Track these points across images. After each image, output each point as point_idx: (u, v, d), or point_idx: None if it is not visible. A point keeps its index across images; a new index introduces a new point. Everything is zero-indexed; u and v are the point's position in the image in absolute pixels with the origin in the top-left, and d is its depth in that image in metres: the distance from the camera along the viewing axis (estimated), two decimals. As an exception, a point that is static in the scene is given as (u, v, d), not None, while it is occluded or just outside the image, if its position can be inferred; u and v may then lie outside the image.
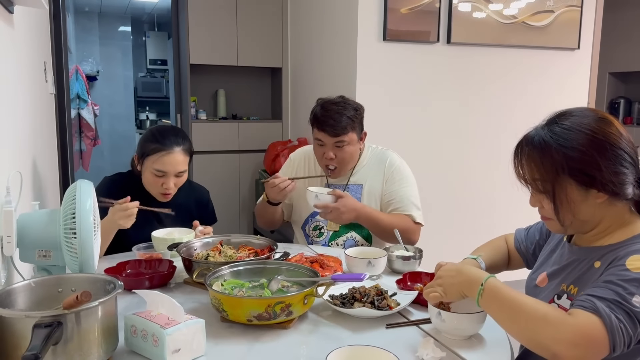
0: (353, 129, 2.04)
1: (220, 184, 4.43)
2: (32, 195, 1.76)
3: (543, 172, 1.11)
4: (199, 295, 1.50)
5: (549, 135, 1.11)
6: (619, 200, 1.12)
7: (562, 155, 1.08)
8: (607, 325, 0.97)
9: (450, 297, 1.19)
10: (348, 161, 2.09)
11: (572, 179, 1.09)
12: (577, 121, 1.11)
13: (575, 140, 1.08)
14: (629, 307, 0.98)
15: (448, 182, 3.41)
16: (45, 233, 1.26)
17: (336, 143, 2.04)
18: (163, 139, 1.93)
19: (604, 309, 0.98)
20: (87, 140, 5.31)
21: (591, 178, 1.08)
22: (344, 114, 2.01)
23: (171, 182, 1.93)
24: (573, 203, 1.11)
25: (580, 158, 1.07)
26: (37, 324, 0.94)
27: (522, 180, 1.16)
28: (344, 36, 3.27)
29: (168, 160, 1.91)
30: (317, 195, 1.94)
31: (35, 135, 2.04)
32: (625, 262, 1.03)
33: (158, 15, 7.92)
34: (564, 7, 3.40)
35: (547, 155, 1.10)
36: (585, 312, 0.99)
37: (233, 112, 4.74)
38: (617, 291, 0.99)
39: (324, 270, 1.59)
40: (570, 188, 1.10)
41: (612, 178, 1.07)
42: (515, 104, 3.45)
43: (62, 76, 3.32)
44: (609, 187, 1.08)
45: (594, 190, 1.09)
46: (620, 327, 0.97)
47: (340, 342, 1.17)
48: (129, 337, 1.14)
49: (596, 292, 1.01)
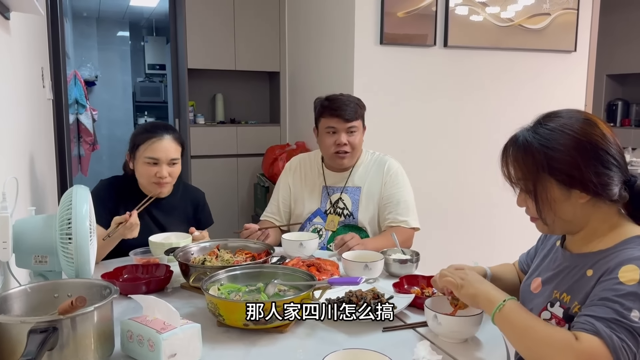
0: (360, 116, 2.17)
1: (219, 188, 4.43)
2: (29, 201, 1.76)
3: (525, 171, 1.14)
4: (195, 299, 1.50)
5: (532, 135, 1.14)
6: (602, 202, 1.13)
7: (543, 155, 1.11)
8: (610, 346, 0.98)
9: (464, 295, 1.20)
10: (358, 148, 2.18)
11: (553, 178, 1.11)
12: (561, 122, 1.13)
13: (557, 140, 1.11)
14: (629, 324, 0.99)
15: (445, 184, 3.41)
16: (42, 238, 1.27)
17: (349, 128, 2.13)
18: (153, 129, 1.98)
19: (605, 330, 0.99)
20: (86, 145, 5.31)
21: (572, 178, 1.10)
22: (352, 101, 2.14)
23: (164, 170, 1.93)
24: (554, 202, 1.13)
25: (561, 158, 1.10)
26: (32, 329, 0.94)
27: (509, 181, 1.19)
28: (341, 40, 3.27)
29: (159, 147, 1.93)
30: (301, 244, 1.86)
31: (33, 141, 2.04)
32: (618, 275, 1.04)
33: (156, 20, 7.93)
34: (560, 10, 3.41)
35: (529, 154, 1.13)
36: (587, 335, 1.00)
37: (231, 116, 4.74)
38: (615, 308, 1.00)
39: (320, 274, 1.59)
40: (551, 187, 1.12)
41: (594, 179, 1.09)
42: (513, 107, 3.46)
43: (60, 81, 3.32)
44: (590, 188, 1.09)
45: (576, 191, 1.11)
46: (623, 347, 0.98)
47: (337, 345, 1.17)
48: (125, 342, 1.14)
49: (595, 312, 1.02)
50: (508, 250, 1.79)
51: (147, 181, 1.96)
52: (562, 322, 1.15)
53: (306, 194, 2.24)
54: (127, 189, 2.00)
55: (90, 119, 5.32)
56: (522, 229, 1.50)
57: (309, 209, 2.22)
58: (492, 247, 3.27)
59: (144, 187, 2.00)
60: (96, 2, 6.89)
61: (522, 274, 1.46)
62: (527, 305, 1.29)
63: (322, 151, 2.23)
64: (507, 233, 3.39)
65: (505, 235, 3.40)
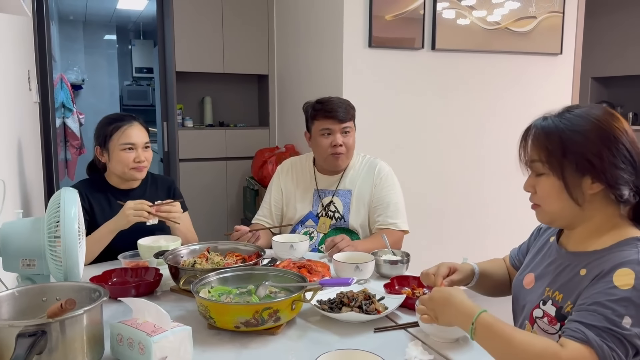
0: (353, 117, 2.19)
1: (208, 191, 4.41)
2: (16, 204, 1.74)
3: (547, 153, 1.13)
4: (186, 302, 1.49)
5: (559, 119, 1.14)
6: (609, 199, 1.12)
7: (567, 136, 1.11)
8: (600, 356, 0.97)
9: (443, 323, 1.18)
10: (352, 149, 2.19)
11: (571, 161, 1.10)
12: (587, 110, 1.13)
13: (582, 125, 1.11)
14: (620, 332, 0.98)
15: (433, 186, 3.43)
16: (29, 241, 1.25)
17: (344, 128, 2.14)
18: (120, 118, 2.03)
19: (595, 339, 0.98)
20: (73, 149, 5.27)
21: (589, 164, 1.09)
22: (343, 103, 2.16)
23: (142, 154, 1.99)
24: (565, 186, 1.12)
25: (583, 142, 1.10)
26: (20, 333, 0.92)
27: (523, 163, 1.19)
28: (330, 43, 3.28)
29: (132, 133, 1.99)
30: (292, 246, 1.86)
31: (20, 144, 2.02)
32: (612, 278, 1.03)
33: (143, 23, 7.89)
34: (546, 13, 3.44)
35: (554, 135, 1.12)
36: (576, 343, 0.99)
37: (220, 119, 4.73)
38: (607, 315, 0.99)
39: (311, 275, 1.59)
40: (567, 170, 1.11)
41: (610, 170, 1.08)
42: (500, 109, 3.49)
43: (47, 84, 3.29)
44: (604, 178, 1.09)
45: (588, 179, 1.10)
46: (613, 356, 0.97)
47: (329, 347, 1.16)
48: (115, 346, 1.13)
49: (586, 319, 1.01)
50: (497, 248, 1.80)
51: (126, 168, 1.99)
52: (554, 320, 1.15)
53: (298, 197, 2.24)
54: (97, 189, 2.03)
55: (77, 123, 5.28)
56: (512, 228, 1.51)
57: (300, 212, 2.21)
58: (481, 247, 3.28)
59: (122, 176, 2.02)
60: (83, 6, 6.84)
61: (513, 269, 1.46)
62: (519, 301, 1.30)
63: (317, 154, 2.22)
64: (496, 231, 3.42)
65: (495, 234, 3.42)
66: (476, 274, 1.41)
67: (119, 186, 2.05)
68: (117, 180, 2.05)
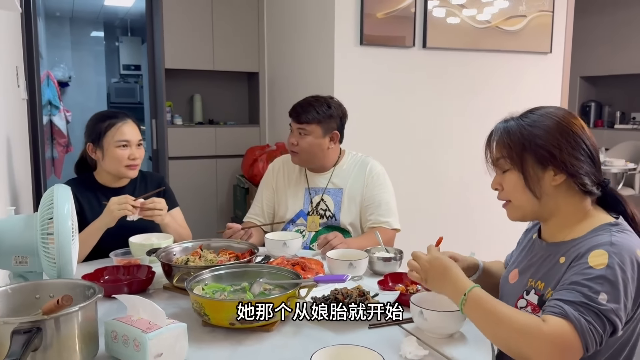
0: (318, 122, 2.11)
1: (198, 190, 4.39)
2: (5, 202, 1.72)
3: (509, 147, 1.21)
4: (179, 300, 1.48)
5: (520, 119, 1.23)
6: (574, 189, 1.19)
7: (527, 132, 1.19)
8: (578, 329, 1.02)
9: (431, 288, 1.24)
10: (307, 152, 2.14)
11: (532, 155, 1.18)
12: (547, 110, 1.22)
13: (542, 122, 1.20)
14: (597, 307, 1.03)
15: (425, 184, 3.44)
16: (22, 239, 1.24)
17: (299, 129, 2.12)
18: (114, 115, 2.02)
19: (573, 313, 1.03)
20: (59, 147, 5.21)
21: (550, 155, 1.17)
22: (314, 106, 2.12)
23: (136, 151, 1.99)
24: (530, 179, 1.19)
25: (543, 136, 1.18)
26: (15, 330, 0.92)
27: (489, 163, 1.27)
28: (321, 40, 3.28)
29: (127, 129, 1.98)
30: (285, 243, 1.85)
31: (8, 141, 2.00)
32: (588, 259, 1.09)
33: (131, 20, 7.83)
34: (536, 12, 3.47)
35: (515, 132, 1.21)
36: (555, 317, 1.04)
37: (210, 117, 4.71)
38: (584, 292, 1.05)
39: (305, 272, 1.59)
40: (529, 164, 1.19)
41: (570, 160, 1.16)
42: (490, 107, 3.50)
43: (34, 81, 3.25)
44: (564, 168, 1.16)
45: (550, 171, 1.18)
46: (590, 329, 1.02)
47: (324, 343, 1.16)
48: (110, 343, 1.12)
49: (564, 296, 1.07)
50: (490, 247, 1.82)
51: (120, 165, 1.97)
52: (537, 308, 1.19)
53: (289, 195, 2.23)
54: (86, 188, 2.01)
55: (64, 121, 5.22)
56: (503, 227, 1.52)
57: (292, 210, 2.21)
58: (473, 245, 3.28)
59: (116, 174, 2.01)
60: (69, 2, 6.78)
61: None
62: (504, 295, 1.34)
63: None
64: (488, 230, 3.44)
65: (486, 233, 3.44)
66: (480, 269, 1.45)
67: (109, 185, 2.04)
68: (108, 179, 2.04)
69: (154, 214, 1.86)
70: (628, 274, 1.06)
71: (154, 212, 1.86)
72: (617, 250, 1.08)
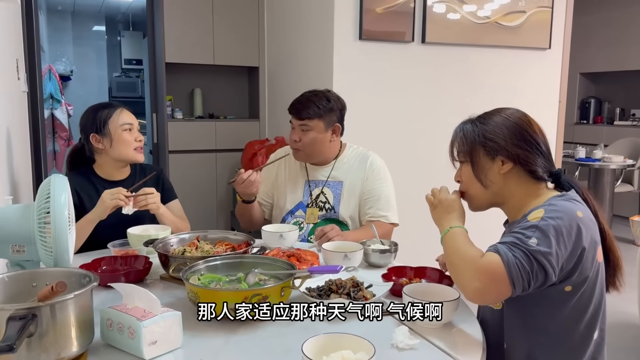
0: (320, 117, 2.11)
1: (198, 184, 4.41)
2: (4, 193, 1.74)
3: (463, 143, 1.37)
4: (175, 290, 1.50)
5: (476, 119, 1.39)
6: (526, 176, 1.31)
7: (480, 127, 1.35)
8: (504, 260, 1.15)
9: (433, 217, 1.42)
10: (311, 147, 2.14)
11: (482, 147, 1.33)
12: (502, 111, 1.37)
13: (493, 119, 1.35)
14: (525, 247, 1.16)
15: (423, 178, 3.44)
16: (19, 227, 1.26)
17: (301, 126, 2.12)
18: (108, 104, 2.08)
19: (503, 248, 1.17)
20: (61, 140, 5.23)
21: (497, 145, 1.31)
22: (313, 101, 2.12)
23: (139, 135, 2.05)
24: (481, 169, 1.34)
25: (492, 130, 1.33)
26: (11, 316, 0.93)
27: (451, 158, 1.43)
28: (321, 35, 3.28)
29: (127, 114, 2.04)
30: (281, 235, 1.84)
31: (8, 133, 2.01)
32: (527, 217, 1.23)
33: (133, 14, 7.84)
34: (535, 8, 3.47)
35: (470, 129, 1.37)
36: (489, 252, 1.19)
37: (210, 111, 4.72)
38: (517, 236, 1.18)
39: (301, 264, 1.60)
40: (480, 154, 1.34)
41: (516, 150, 1.30)
42: (489, 102, 3.47)
43: (35, 74, 3.26)
44: (510, 156, 1.30)
45: (499, 160, 1.32)
46: (517, 264, 1.14)
47: (317, 332, 1.17)
48: (105, 331, 1.14)
49: (501, 240, 1.23)
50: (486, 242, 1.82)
51: (129, 148, 2.01)
52: None
53: (289, 186, 2.25)
54: (85, 181, 2.03)
55: (66, 114, 5.24)
56: (500, 222, 1.53)
57: (291, 202, 2.23)
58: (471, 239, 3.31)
59: (125, 159, 2.04)
60: (71, -4, 6.79)
61: None
62: None
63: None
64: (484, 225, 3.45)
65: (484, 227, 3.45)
66: None
67: (109, 178, 2.05)
68: (109, 170, 2.05)
69: (147, 202, 1.88)
70: (563, 229, 1.17)
71: (147, 198, 1.88)
72: (554, 209, 1.21)
